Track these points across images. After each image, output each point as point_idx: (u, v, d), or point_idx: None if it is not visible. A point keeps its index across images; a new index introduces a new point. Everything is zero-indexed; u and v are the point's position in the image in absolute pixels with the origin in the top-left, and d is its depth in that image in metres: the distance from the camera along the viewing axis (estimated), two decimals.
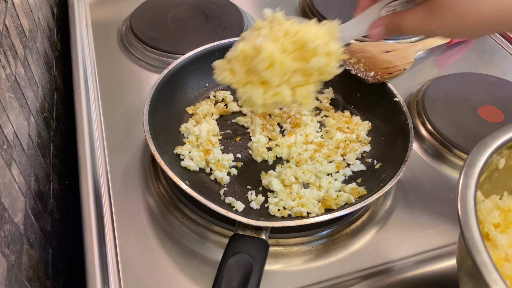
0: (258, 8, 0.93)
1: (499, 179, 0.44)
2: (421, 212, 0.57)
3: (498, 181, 0.44)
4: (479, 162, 0.38)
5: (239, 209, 0.53)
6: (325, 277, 0.51)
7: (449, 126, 0.65)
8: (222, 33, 0.81)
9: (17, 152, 0.50)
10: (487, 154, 0.39)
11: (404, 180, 0.61)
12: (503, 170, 0.43)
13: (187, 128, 0.62)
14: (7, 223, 0.43)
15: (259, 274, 0.43)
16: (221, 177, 0.57)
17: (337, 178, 0.58)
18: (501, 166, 0.43)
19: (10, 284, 0.41)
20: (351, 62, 0.65)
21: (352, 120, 0.64)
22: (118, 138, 0.64)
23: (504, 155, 0.42)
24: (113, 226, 0.54)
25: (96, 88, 0.72)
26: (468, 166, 0.38)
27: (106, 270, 0.50)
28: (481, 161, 0.39)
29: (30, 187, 0.52)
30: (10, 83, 0.51)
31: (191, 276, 0.50)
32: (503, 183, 0.45)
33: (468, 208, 0.35)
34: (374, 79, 0.63)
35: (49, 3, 0.85)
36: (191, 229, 0.54)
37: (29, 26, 0.65)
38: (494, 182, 0.43)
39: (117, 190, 0.58)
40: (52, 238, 0.58)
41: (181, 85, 0.65)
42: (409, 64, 0.66)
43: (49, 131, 0.67)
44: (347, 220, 0.55)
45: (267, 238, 0.47)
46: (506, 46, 0.87)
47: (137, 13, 0.84)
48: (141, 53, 0.78)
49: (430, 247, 0.54)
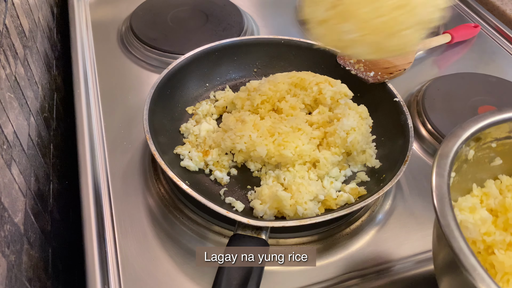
0: (258, 8, 0.93)
1: (469, 171, 0.44)
2: (421, 212, 0.57)
3: (467, 173, 0.44)
4: (451, 152, 0.39)
5: (239, 209, 0.53)
6: (325, 277, 0.51)
7: (449, 126, 0.65)
8: (222, 33, 0.81)
9: (17, 152, 0.50)
10: (457, 144, 0.40)
11: (404, 180, 0.61)
12: (472, 162, 0.43)
13: (187, 128, 0.62)
14: (7, 223, 0.43)
15: (259, 274, 0.43)
16: (221, 177, 0.57)
17: (338, 178, 0.58)
18: (470, 157, 0.43)
19: (10, 284, 0.41)
20: (351, 62, 0.65)
21: None
22: (118, 138, 0.64)
23: (472, 147, 0.42)
24: (113, 226, 0.54)
25: (96, 88, 0.72)
26: (440, 156, 0.39)
27: (106, 270, 0.50)
28: (452, 151, 0.39)
29: (30, 187, 0.52)
30: (10, 83, 0.51)
31: (191, 276, 0.50)
32: (472, 175, 0.45)
33: (444, 197, 0.35)
34: (374, 79, 0.63)
35: (49, 3, 0.85)
36: (191, 229, 0.54)
37: (29, 26, 0.65)
38: (463, 175, 0.44)
39: (117, 190, 0.58)
40: (52, 238, 0.57)
41: (181, 85, 0.65)
42: (409, 64, 0.66)
43: (49, 131, 0.67)
44: (347, 220, 0.55)
45: (267, 238, 0.47)
46: (506, 46, 0.87)
47: (137, 13, 0.84)
48: (141, 53, 0.78)
49: (430, 247, 0.53)
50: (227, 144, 0.57)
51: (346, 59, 0.65)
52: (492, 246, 0.39)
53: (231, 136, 0.57)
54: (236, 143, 0.57)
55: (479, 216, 0.40)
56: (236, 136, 0.57)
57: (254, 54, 0.71)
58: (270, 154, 0.56)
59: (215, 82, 0.70)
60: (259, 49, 0.70)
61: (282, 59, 0.71)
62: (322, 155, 0.56)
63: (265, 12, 0.92)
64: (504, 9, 0.94)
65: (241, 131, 0.57)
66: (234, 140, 0.57)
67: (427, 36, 0.85)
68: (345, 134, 0.57)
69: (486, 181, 0.46)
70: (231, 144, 0.57)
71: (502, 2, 0.95)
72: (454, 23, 0.91)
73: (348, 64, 0.65)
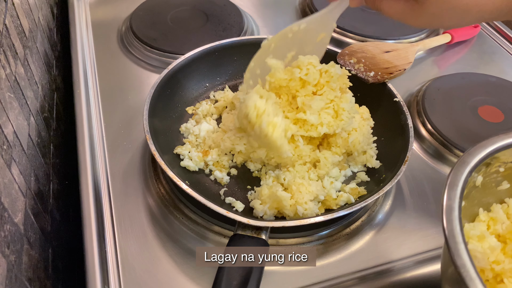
0: (258, 8, 0.93)
1: (475, 197, 0.44)
2: (421, 212, 0.57)
3: (474, 198, 0.44)
4: (460, 182, 0.38)
5: (239, 209, 0.53)
6: (325, 277, 0.51)
7: (449, 126, 0.65)
8: (222, 33, 0.81)
9: (17, 152, 0.50)
10: (466, 173, 0.39)
11: (404, 180, 0.61)
12: (480, 187, 0.43)
13: (187, 128, 0.62)
14: (7, 223, 0.43)
15: (259, 274, 0.43)
16: (221, 177, 0.57)
17: (338, 178, 0.58)
18: (478, 183, 0.42)
19: (10, 284, 0.41)
20: (351, 62, 0.65)
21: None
22: (118, 138, 0.64)
23: (481, 172, 0.42)
24: (113, 226, 0.54)
25: (96, 88, 0.72)
26: (450, 186, 0.38)
27: (106, 270, 0.50)
28: (462, 180, 0.38)
29: (30, 187, 0.52)
30: (10, 83, 0.51)
31: (191, 276, 0.50)
32: (479, 200, 0.44)
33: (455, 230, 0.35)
34: (374, 79, 0.63)
35: (49, 3, 0.85)
36: (191, 229, 0.54)
37: (29, 26, 0.65)
38: (470, 200, 0.43)
39: (117, 190, 0.58)
40: (52, 238, 0.57)
41: (181, 85, 0.65)
42: (409, 64, 0.66)
43: (49, 131, 0.67)
44: (347, 220, 0.55)
45: (267, 238, 0.47)
46: (506, 46, 0.87)
47: (137, 13, 0.84)
48: (141, 53, 0.78)
49: (430, 247, 0.54)
50: (226, 145, 0.57)
51: (346, 59, 0.65)
52: (501, 275, 0.39)
53: (231, 137, 0.57)
54: (235, 144, 0.57)
55: (488, 245, 0.40)
56: (235, 137, 0.57)
57: (254, 54, 0.71)
58: (270, 155, 0.56)
59: (215, 82, 0.70)
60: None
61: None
62: (323, 155, 0.56)
63: (265, 12, 0.92)
64: None
65: (241, 132, 0.57)
66: (233, 142, 0.57)
67: (427, 37, 0.85)
68: (346, 135, 0.57)
69: (493, 205, 0.45)
70: (231, 145, 0.57)
71: None
72: None
73: (348, 64, 0.65)
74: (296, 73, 0.54)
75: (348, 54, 0.66)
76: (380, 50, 0.68)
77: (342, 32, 0.84)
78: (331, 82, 0.55)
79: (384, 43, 0.71)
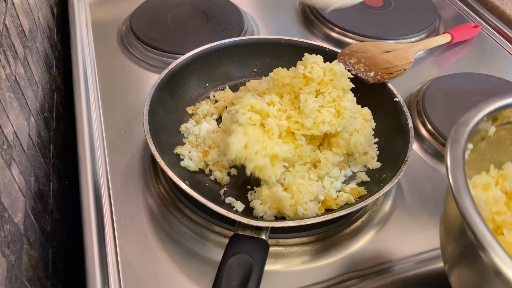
0: (258, 8, 0.93)
1: (487, 151, 0.42)
2: (421, 212, 0.57)
3: (486, 152, 0.42)
4: (471, 121, 0.37)
5: (239, 209, 0.53)
6: (325, 277, 0.51)
7: (449, 126, 0.64)
8: (222, 33, 0.81)
9: (17, 152, 0.50)
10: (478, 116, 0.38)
11: (404, 180, 0.61)
12: (492, 140, 0.41)
13: (187, 128, 0.62)
14: (7, 223, 0.43)
15: (259, 274, 0.43)
16: (221, 177, 0.57)
17: (338, 178, 0.58)
18: (490, 133, 0.41)
19: (10, 284, 0.41)
20: (351, 62, 0.65)
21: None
22: (118, 138, 0.64)
23: (495, 123, 0.41)
24: (113, 226, 0.54)
25: (96, 88, 0.72)
26: (460, 123, 0.37)
27: (106, 270, 0.50)
28: (473, 120, 0.38)
29: (30, 187, 0.52)
30: (10, 83, 0.51)
31: (191, 276, 0.50)
32: (491, 155, 0.43)
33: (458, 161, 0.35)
34: (374, 79, 0.63)
35: (49, 3, 0.85)
36: (191, 229, 0.54)
37: (29, 26, 0.65)
38: (482, 153, 0.41)
39: (117, 190, 0.58)
40: (52, 238, 0.57)
41: (181, 85, 0.65)
42: (409, 64, 0.66)
43: (49, 131, 0.67)
44: (347, 220, 0.55)
45: (267, 238, 0.47)
46: (506, 46, 0.87)
47: (137, 13, 0.84)
48: (141, 53, 0.78)
49: (430, 247, 0.54)
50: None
51: (346, 59, 0.65)
52: (501, 227, 0.38)
53: None
54: None
55: (492, 194, 0.38)
56: None
57: (254, 54, 0.71)
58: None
59: (215, 82, 0.70)
60: (259, 49, 0.70)
61: (282, 59, 0.71)
62: (323, 155, 0.56)
63: (265, 12, 0.92)
64: (504, 9, 0.94)
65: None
66: None
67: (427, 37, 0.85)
68: (348, 136, 0.57)
69: (505, 163, 0.43)
70: None
71: (502, 2, 0.95)
72: (454, 23, 0.91)
73: (348, 64, 0.65)
74: (300, 70, 0.54)
75: (348, 54, 0.66)
76: (380, 50, 0.68)
77: (342, 32, 0.84)
78: (335, 80, 0.55)
79: (384, 43, 0.71)
